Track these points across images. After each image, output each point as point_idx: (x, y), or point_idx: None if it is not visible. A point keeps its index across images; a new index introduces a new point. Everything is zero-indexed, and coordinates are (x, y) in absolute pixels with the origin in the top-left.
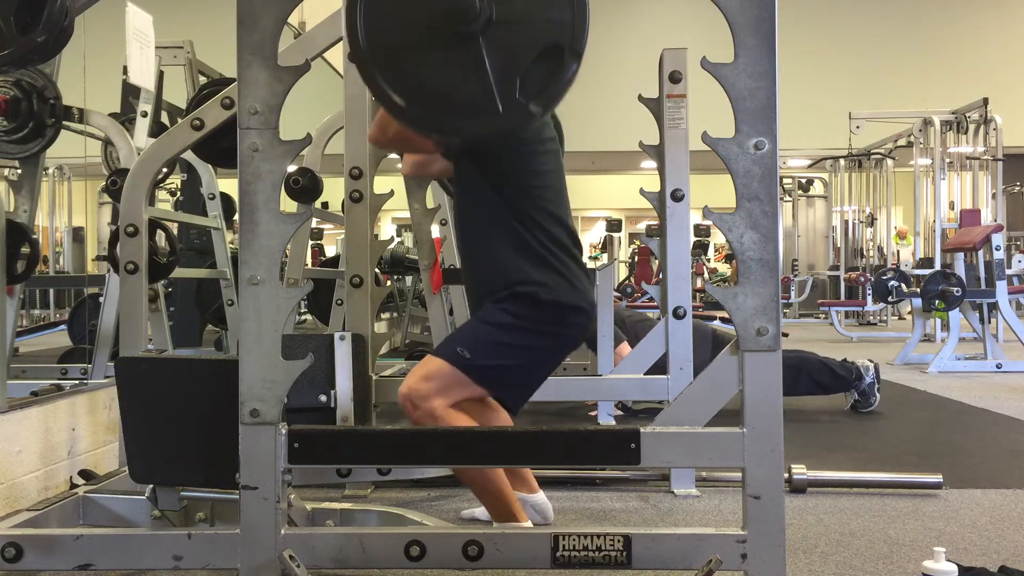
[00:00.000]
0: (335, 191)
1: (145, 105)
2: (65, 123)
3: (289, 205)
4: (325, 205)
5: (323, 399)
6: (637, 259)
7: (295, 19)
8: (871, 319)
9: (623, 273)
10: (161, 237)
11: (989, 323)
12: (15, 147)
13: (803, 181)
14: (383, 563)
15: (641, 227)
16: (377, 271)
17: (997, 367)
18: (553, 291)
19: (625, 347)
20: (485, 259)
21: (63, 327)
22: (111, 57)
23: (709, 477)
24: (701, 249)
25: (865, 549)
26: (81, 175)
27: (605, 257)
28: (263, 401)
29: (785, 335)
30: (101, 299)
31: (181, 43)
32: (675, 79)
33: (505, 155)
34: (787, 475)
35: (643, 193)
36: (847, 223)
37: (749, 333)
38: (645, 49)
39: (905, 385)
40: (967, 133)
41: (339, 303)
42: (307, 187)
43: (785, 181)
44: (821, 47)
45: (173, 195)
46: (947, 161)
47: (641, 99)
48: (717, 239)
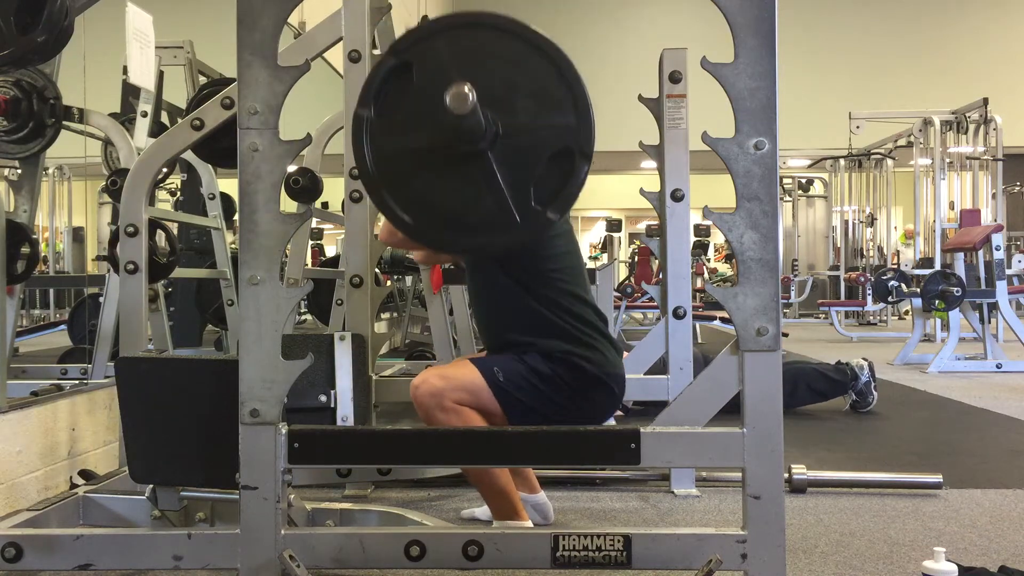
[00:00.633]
0: (335, 191)
1: (145, 105)
2: (65, 123)
3: (289, 205)
4: (325, 205)
5: (323, 399)
6: (637, 259)
7: (295, 19)
8: (871, 319)
9: (623, 273)
10: (161, 237)
11: (989, 323)
12: (15, 147)
13: (803, 181)
14: (383, 563)
15: (641, 227)
16: (377, 271)
17: (997, 367)
18: (589, 362)
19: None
20: (518, 343)
21: (63, 327)
22: (111, 57)
23: (709, 477)
24: (701, 249)
25: (865, 549)
26: (81, 175)
27: (605, 257)
28: (263, 401)
29: (785, 335)
30: (101, 299)
31: (181, 43)
32: (675, 79)
33: (520, 248)
34: (787, 475)
35: (643, 193)
36: (847, 223)
37: (749, 333)
38: (645, 49)
39: (905, 385)
40: (967, 133)
41: (339, 303)
42: (307, 187)
43: (785, 181)
44: (821, 47)
45: (173, 195)
46: (947, 161)
47: (641, 99)
48: (717, 239)
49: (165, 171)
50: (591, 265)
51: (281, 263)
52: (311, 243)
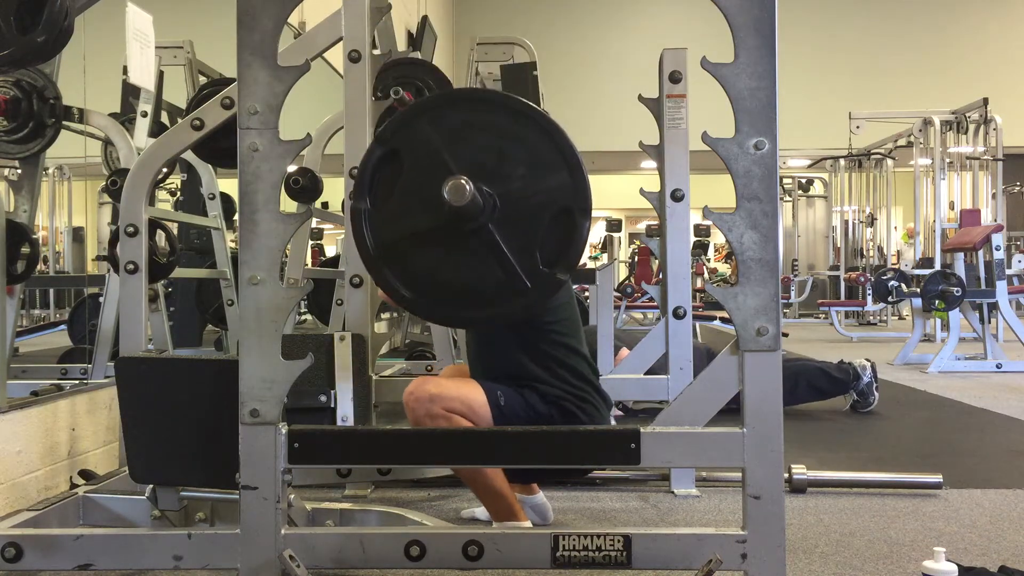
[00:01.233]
0: (335, 191)
1: (145, 105)
2: (65, 123)
3: (289, 205)
4: (325, 205)
5: (323, 399)
6: (637, 259)
7: (295, 19)
8: (871, 319)
9: (623, 273)
10: (161, 237)
11: (989, 323)
12: (15, 147)
13: (803, 181)
14: (383, 563)
15: (641, 227)
16: None
17: (997, 367)
18: (586, 415)
19: (624, 351)
20: (514, 379)
21: (63, 327)
22: (111, 57)
23: (709, 477)
24: (701, 249)
25: (865, 549)
26: (81, 175)
27: (605, 257)
28: (263, 401)
29: (785, 335)
30: (101, 299)
31: (181, 43)
32: (675, 79)
33: None
34: (787, 475)
35: (643, 193)
36: (847, 223)
37: (749, 333)
38: (645, 49)
39: (905, 385)
40: (967, 133)
41: (339, 303)
42: (307, 187)
43: (785, 181)
44: (821, 47)
45: (173, 195)
46: (947, 161)
47: (641, 99)
48: (717, 239)
49: (165, 171)
50: (591, 265)
51: (281, 263)
52: (311, 243)
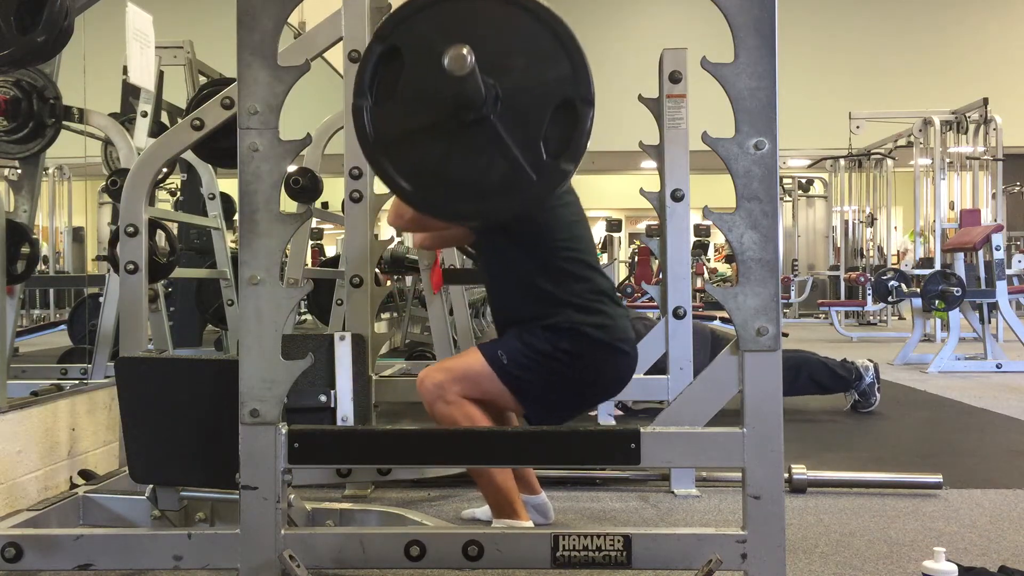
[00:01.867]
0: (335, 191)
1: (145, 105)
2: (65, 123)
3: (289, 205)
4: (325, 205)
5: (323, 399)
6: (637, 259)
7: (295, 19)
8: (871, 319)
9: (623, 273)
10: (161, 237)
11: (989, 323)
12: (15, 147)
13: (803, 181)
14: (383, 563)
15: (641, 227)
16: (377, 271)
17: (997, 367)
18: (598, 330)
19: None
20: (527, 319)
21: (63, 327)
22: (111, 57)
23: (709, 477)
24: (701, 249)
25: (865, 549)
26: (81, 175)
27: (605, 257)
28: (263, 401)
29: (785, 335)
30: (101, 299)
31: (181, 43)
32: (675, 79)
33: (528, 220)
34: (787, 475)
35: (643, 193)
36: (847, 223)
37: (749, 333)
38: (645, 49)
39: (905, 385)
40: (967, 133)
41: (339, 303)
42: (307, 187)
43: (785, 181)
44: (821, 47)
45: (173, 195)
46: (947, 161)
47: (641, 99)
48: (717, 239)
49: (165, 171)
50: None
51: (281, 263)
52: (311, 243)
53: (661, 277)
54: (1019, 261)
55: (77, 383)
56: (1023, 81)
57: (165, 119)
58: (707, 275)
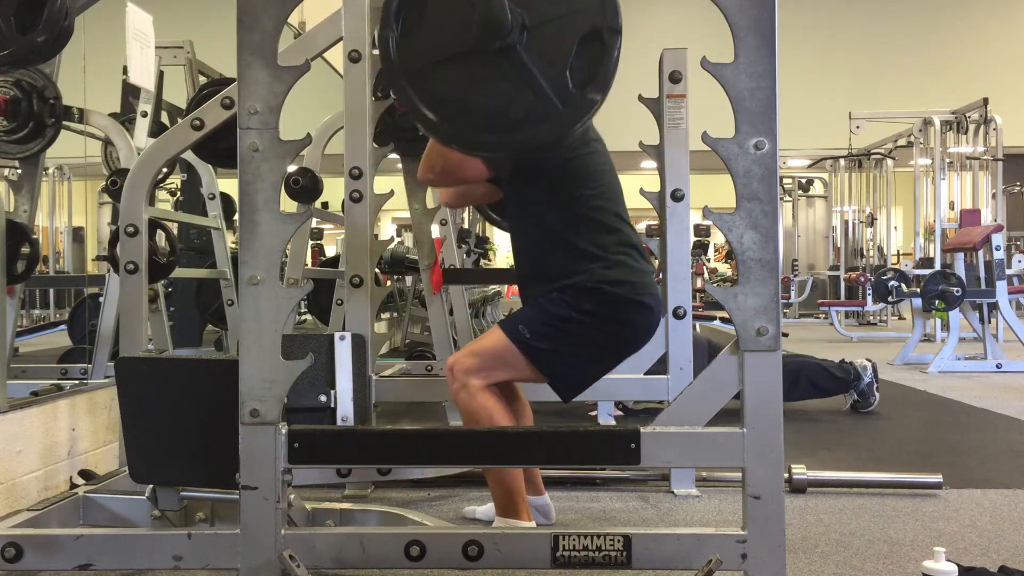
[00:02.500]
0: (335, 191)
1: (145, 105)
2: (65, 123)
3: (289, 205)
4: (325, 205)
5: (323, 399)
6: None
7: (295, 19)
8: (871, 319)
9: None
10: (161, 237)
11: (989, 323)
12: (15, 147)
13: (803, 181)
14: (383, 563)
15: (641, 227)
16: (377, 271)
17: (997, 367)
18: (620, 286)
19: None
20: (551, 276)
21: (63, 327)
22: (111, 57)
23: (709, 477)
24: (701, 249)
25: (865, 549)
26: (81, 175)
27: None
28: (263, 401)
29: (785, 335)
30: (101, 299)
31: (181, 43)
32: (675, 79)
33: (556, 167)
34: (787, 475)
35: (643, 193)
36: (847, 223)
37: (749, 333)
38: (645, 49)
39: (905, 385)
40: (967, 133)
41: (339, 303)
42: (307, 187)
43: (785, 181)
44: (821, 47)
45: (173, 195)
46: (947, 161)
47: (641, 99)
48: (717, 239)
49: (165, 171)
50: None
51: (281, 263)
52: (311, 243)
53: (661, 277)
54: (1019, 261)
55: (77, 383)
56: (1023, 81)
57: (165, 119)
58: (707, 275)
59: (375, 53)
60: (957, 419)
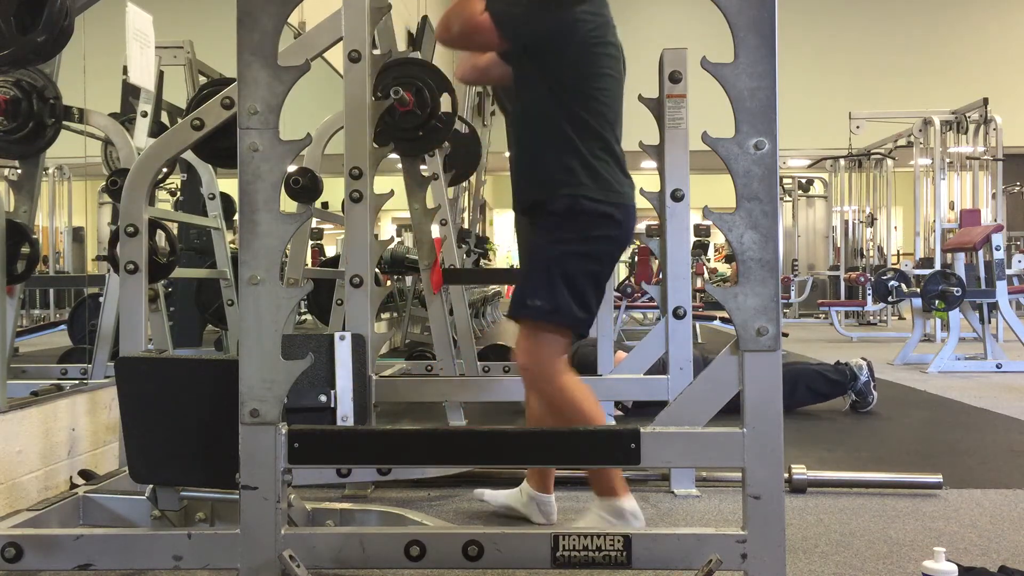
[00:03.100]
0: (335, 191)
1: (145, 105)
2: (65, 123)
3: (289, 205)
4: (325, 205)
5: (323, 399)
6: (637, 259)
7: (295, 19)
8: (871, 319)
9: (623, 273)
10: (161, 237)
11: (989, 323)
12: (15, 147)
13: (803, 181)
14: (383, 563)
15: (641, 227)
16: (377, 271)
17: (997, 367)
18: (595, 195)
19: (621, 354)
20: (533, 161)
21: (63, 327)
22: (111, 57)
23: (709, 477)
24: (701, 249)
25: (865, 549)
26: (81, 175)
27: None
28: (263, 401)
29: (785, 335)
30: (101, 299)
31: (181, 43)
32: (675, 79)
33: (569, 52)
34: (787, 475)
35: (643, 193)
36: (847, 223)
37: (749, 333)
38: (645, 49)
39: (905, 385)
40: (967, 133)
41: (339, 303)
42: (307, 187)
43: (785, 181)
44: (821, 47)
45: (173, 195)
46: (947, 161)
47: (641, 99)
48: (717, 239)
49: (165, 171)
50: None
51: (281, 263)
52: (311, 243)
53: (661, 277)
54: (1019, 261)
55: (77, 383)
56: (1023, 81)
57: (165, 119)
58: (707, 275)
59: (375, 53)
60: (957, 419)
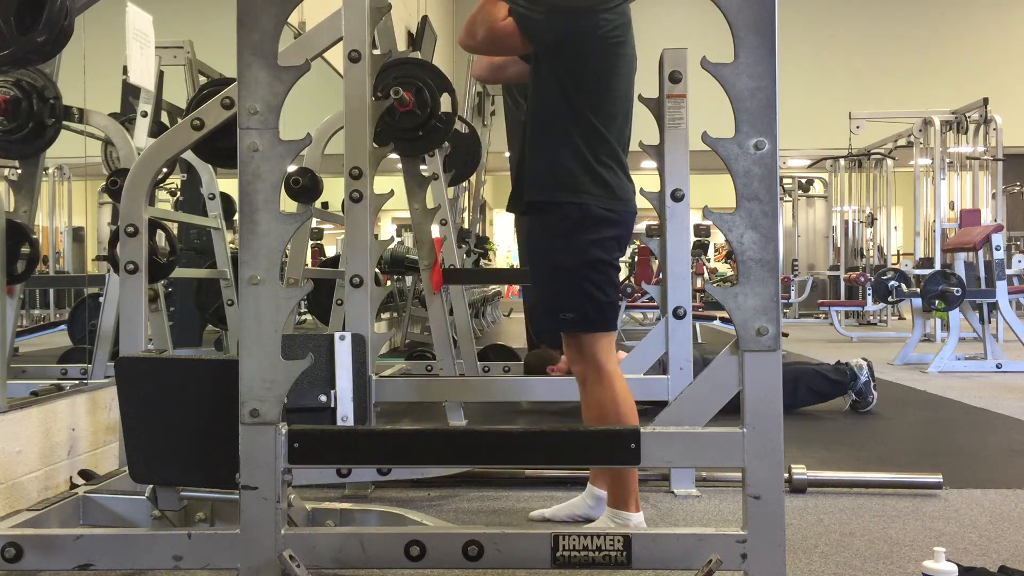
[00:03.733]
0: (335, 191)
1: (145, 105)
2: (65, 123)
3: (289, 205)
4: (325, 205)
5: (323, 399)
6: (637, 259)
7: (295, 19)
8: (871, 319)
9: (623, 273)
10: (161, 237)
11: (989, 323)
12: (15, 147)
13: (803, 181)
14: (383, 563)
15: (641, 227)
16: (377, 271)
17: (997, 367)
18: (604, 203)
19: (621, 354)
20: (539, 163)
21: (63, 327)
22: (111, 57)
23: (709, 477)
24: (701, 249)
25: (865, 549)
26: (81, 175)
27: None
28: (263, 401)
29: (785, 335)
30: (101, 299)
31: (181, 43)
32: (675, 79)
33: (587, 49)
34: (787, 475)
35: (643, 193)
36: (847, 223)
37: (749, 333)
38: (645, 49)
39: (905, 385)
40: (967, 133)
41: (339, 303)
42: (307, 187)
43: (785, 181)
44: (821, 47)
45: (173, 195)
46: (947, 161)
47: (641, 99)
48: (717, 239)
49: (165, 171)
50: None
51: (281, 263)
52: (311, 243)
53: (661, 277)
54: (1019, 261)
55: (77, 383)
56: (1023, 81)
57: (165, 119)
58: (707, 275)
59: (375, 53)
60: (957, 419)
